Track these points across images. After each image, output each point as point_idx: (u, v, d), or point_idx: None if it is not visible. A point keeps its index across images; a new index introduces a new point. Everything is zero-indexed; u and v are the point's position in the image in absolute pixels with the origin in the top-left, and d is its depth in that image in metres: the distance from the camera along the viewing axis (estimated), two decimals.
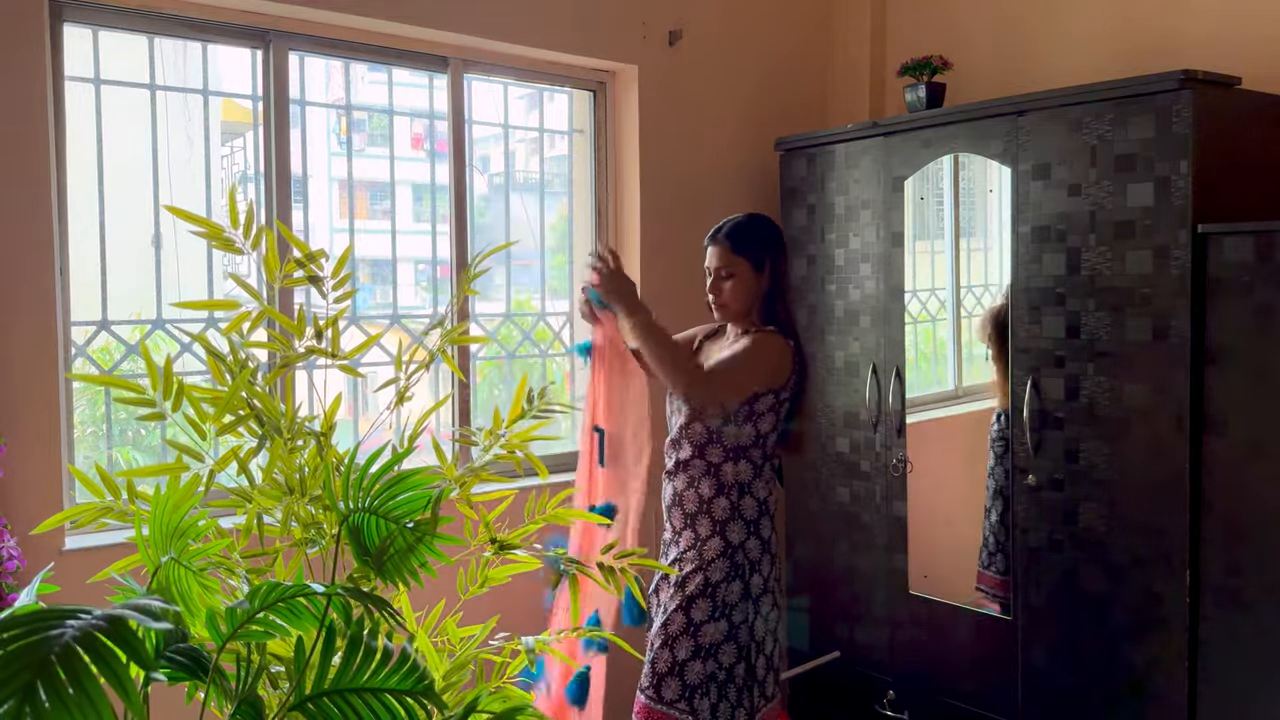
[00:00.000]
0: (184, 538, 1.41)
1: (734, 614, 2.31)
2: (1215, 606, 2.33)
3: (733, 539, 2.31)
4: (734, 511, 2.32)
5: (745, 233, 2.39)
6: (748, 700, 2.35)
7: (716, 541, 2.31)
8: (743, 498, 2.33)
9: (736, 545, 2.31)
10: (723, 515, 2.32)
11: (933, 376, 3.31)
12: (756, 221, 2.43)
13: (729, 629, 2.31)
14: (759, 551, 2.33)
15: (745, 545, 2.32)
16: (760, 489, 2.34)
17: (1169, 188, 2.37)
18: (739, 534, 2.32)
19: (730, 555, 2.31)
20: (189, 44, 2.67)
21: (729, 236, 2.39)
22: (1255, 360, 2.24)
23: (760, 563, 2.33)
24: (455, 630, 1.87)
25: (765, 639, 2.36)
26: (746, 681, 2.34)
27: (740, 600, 2.31)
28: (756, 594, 2.33)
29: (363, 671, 1.23)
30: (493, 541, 1.84)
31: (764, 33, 3.59)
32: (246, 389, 1.69)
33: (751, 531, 2.33)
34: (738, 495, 2.33)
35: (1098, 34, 3.07)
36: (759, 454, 2.33)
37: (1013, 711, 2.73)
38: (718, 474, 2.32)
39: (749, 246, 2.38)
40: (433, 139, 3.12)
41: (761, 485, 2.35)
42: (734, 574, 2.31)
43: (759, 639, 2.36)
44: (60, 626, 0.94)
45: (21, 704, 0.86)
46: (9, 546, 2.05)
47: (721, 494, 2.33)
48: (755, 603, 2.34)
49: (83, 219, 2.44)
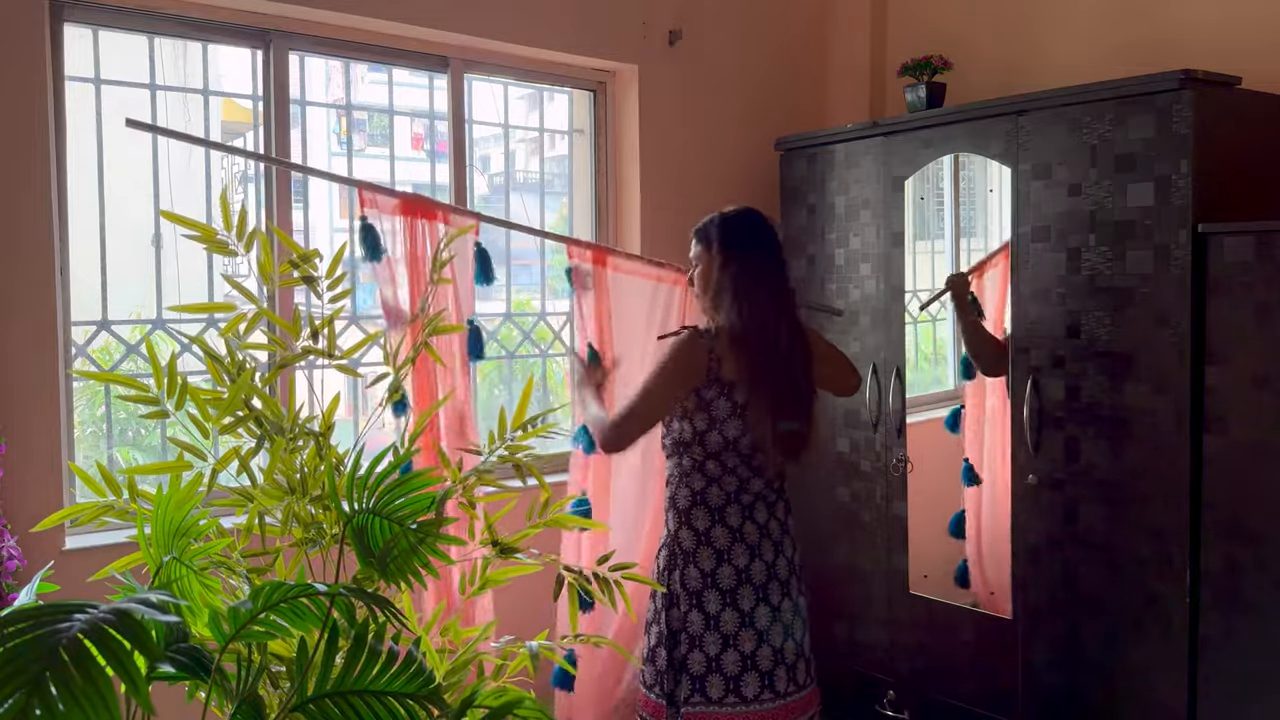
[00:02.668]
0: (185, 537, 1.41)
1: (679, 602, 2.32)
2: (1215, 606, 2.33)
3: (670, 527, 2.37)
4: (671, 502, 2.38)
5: (707, 223, 2.41)
6: (666, 684, 2.32)
7: (667, 531, 2.38)
8: (678, 489, 2.36)
9: (672, 533, 2.36)
10: (669, 506, 2.39)
11: (933, 376, 3.31)
12: (723, 213, 2.42)
13: (656, 612, 2.36)
14: (692, 543, 2.32)
15: (679, 535, 2.33)
16: (697, 481, 2.33)
17: (1169, 188, 2.37)
18: (673, 523, 2.36)
19: (668, 544, 2.36)
20: (189, 44, 2.67)
21: (695, 228, 2.44)
22: (1255, 360, 2.25)
23: (696, 554, 2.31)
24: (459, 631, 1.88)
25: (704, 635, 2.30)
26: (669, 666, 2.31)
27: (681, 589, 2.32)
28: (695, 588, 2.31)
29: (366, 673, 1.23)
30: (494, 544, 1.84)
31: (764, 33, 3.59)
32: (248, 390, 1.69)
33: (683, 522, 2.33)
34: (674, 487, 2.38)
35: (1098, 34, 3.08)
36: (699, 450, 2.31)
37: (1013, 711, 2.73)
38: (671, 468, 2.40)
39: (702, 233, 2.41)
40: (433, 139, 3.12)
41: (700, 478, 2.33)
42: (672, 563, 2.34)
43: (693, 633, 2.32)
44: (68, 620, 0.95)
45: (30, 695, 0.86)
46: (9, 546, 2.05)
47: (669, 485, 2.40)
48: (696, 596, 2.31)
49: (83, 219, 2.44)
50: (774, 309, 2.31)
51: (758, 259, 2.33)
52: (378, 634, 1.28)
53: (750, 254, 2.33)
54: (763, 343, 2.29)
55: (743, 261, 2.32)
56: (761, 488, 2.35)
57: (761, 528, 2.34)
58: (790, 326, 2.34)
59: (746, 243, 2.35)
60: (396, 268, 2.41)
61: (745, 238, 2.36)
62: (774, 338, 2.30)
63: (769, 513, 2.36)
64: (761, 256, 2.34)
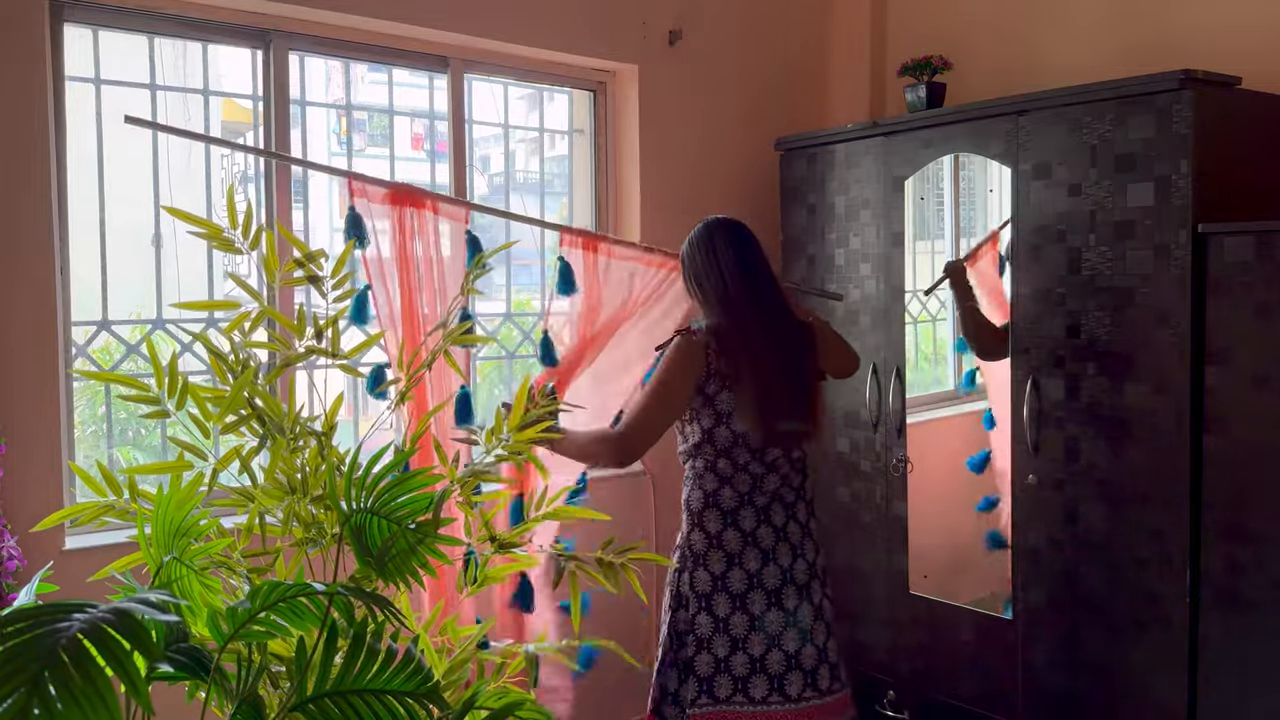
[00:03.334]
0: (186, 537, 1.41)
1: (688, 604, 2.32)
2: (1215, 606, 2.33)
3: (683, 529, 2.37)
4: (685, 505, 2.37)
5: (693, 232, 2.42)
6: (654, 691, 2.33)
7: (681, 534, 2.38)
8: (692, 490, 2.36)
9: (685, 535, 2.35)
10: (684, 508, 2.38)
11: (933, 376, 3.32)
12: (706, 221, 2.43)
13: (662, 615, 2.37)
14: (703, 545, 2.32)
15: (690, 538, 2.33)
16: (709, 482, 2.33)
17: (1169, 188, 2.37)
18: (686, 525, 2.36)
19: (681, 546, 2.36)
20: (189, 44, 2.67)
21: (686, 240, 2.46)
22: (1255, 360, 2.25)
23: (706, 557, 2.31)
24: (455, 630, 1.88)
25: (713, 638, 2.30)
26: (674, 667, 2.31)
27: (690, 591, 2.32)
28: (704, 590, 2.31)
29: (365, 672, 1.23)
30: (492, 540, 1.84)
31: (764, 33, 3.59)
32: (249, 389, 1.69)
33: (695, 524, 2.33)
34: (689, 489, 2.38)
35: (1098, 34, 3.08)
36: (710, 450, 2.32)
37: (1013, 711, 2.73)
38: (687, 471, 2.39)
39: (690, 241, 2.42)
40: (433, 139, 3.12)
41: (713, 479, 2.33)
42: (682, 565, 2.34)
43: (701, 635, 2.31)
44: (67, 620, 0.95)
45: (30, 695, 0.86)
46: (9, 546, 2.05)
47: (684, 487, 2.40)
48: (705, 599, 2.31)
49: (83, 219, 2.44)
50: (759, 305, 2.33)
51: (742, 257, 2.35)
52: (376, 633, 1.28)
53: (733, 252, 2.35)
54: (746, 339, 2.30)
55: (727, 261, 2.34)
56: (777, 486, 2.34)
57: (778, 530, 2.33)
58: (781, 320, 2.35)
59: (730, 243, 2.37)
60: (387, 266, 2.40)
61: (729, 239, 2.38)
62: (760, 333, 2.31)
63: (787, 515, 2.35)
64: (746, 255, 2.36)
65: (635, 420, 2.31)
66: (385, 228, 2.41)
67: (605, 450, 2.33)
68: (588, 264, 2.70)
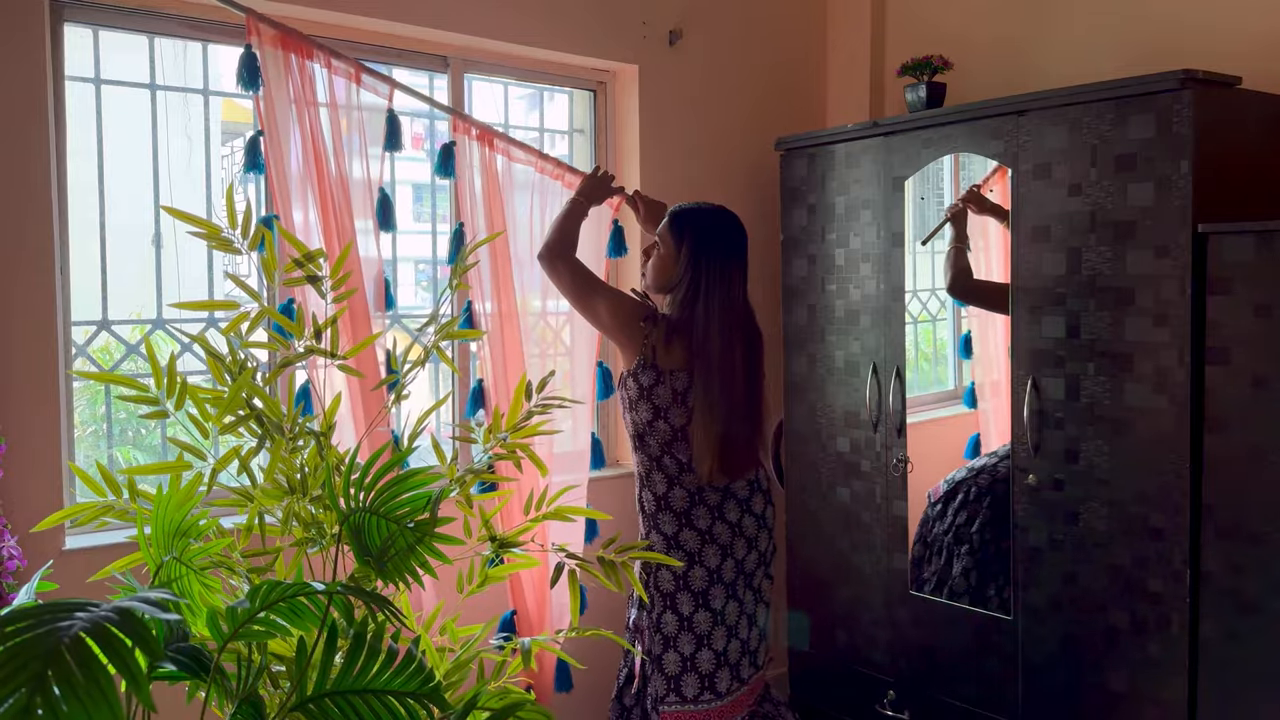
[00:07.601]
0: (185, 537, 1.41)
1: (654, 603, 2.32)
2: (1215, 607, 2.33)
3: (641, 531, 2.37)
4: (639, 506, 2.38)
5: (683, 213, 2.42)
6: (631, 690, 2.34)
7: (640, 534, 2.38)
8: (642, 491, 2.35)
9: (643, 536, 2.35)
10: (638, 509, 2.39)
11: (933, 376, 3.31)
12: (704, 208, 2.42)
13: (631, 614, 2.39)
14: (662, 547, 2.31)
15: (649, 539, 2.32)
16: (659, 484, 2.31)
17: (1169, 188, 2.37)
18: (643, 527, 2.37)
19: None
20: (189, 44, 2.67)
21: (673, 210, 2.46)
22: (1255, 360, 2.25)
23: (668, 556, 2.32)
24: (455, 630, 1.87)
25: (678, 636, 2.32)
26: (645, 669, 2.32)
27: (655, 590, 2.32)
28: (668, 590, 2.30)
29: (366, 672, 1.23)
30: (492, 539, 1.84)
31: (764, 33, 3.60)
32: (249, 389, 1.69)
33: (652, 526, 2.32)
34: (639, 489, 2.37)
35: (1098, 34, 3.08)
36: (653, 443, 2.31)
37: (1013, 711, 2.73)
38: (636, 465, 2.40)
39: (675, 223, 2.42)
40: (433, 139, 3.12)
41: (661, 479, 2.31)
42: (645, 566, 2.33)
43: (667, 634, 2.31)
44: (70, 618, 0.95)
45: (32, 693, 0.86)
46: (9, 546, 2.05)
47: (636, 485, 2.40)
48: (669, 598, 2.31)
49: (83, 219, 2.44)
50: (724, 320, 2.33)
51: (723, 267, 2.35)
52: (376, 633, 1.28)
53: (716, 261, 2.35)
54: (705, 350, 2.30)
55: (708, 267, 2.34)
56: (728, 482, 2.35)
57: (734, 526, 2.33)
58: (740, 339, 2.36)
59: (716, 250, 2.37)
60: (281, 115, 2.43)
61: (717, 243, 2.37)
62: (716, 347, 2.30)
63: (742, 509, 2.34)
64: (727, 266, 2.36)
65: (576, 273, 2.37)
66: (273, 63, 2.44)
67: (552, 240, 2.43)
68: (484, 159, 2.79)
